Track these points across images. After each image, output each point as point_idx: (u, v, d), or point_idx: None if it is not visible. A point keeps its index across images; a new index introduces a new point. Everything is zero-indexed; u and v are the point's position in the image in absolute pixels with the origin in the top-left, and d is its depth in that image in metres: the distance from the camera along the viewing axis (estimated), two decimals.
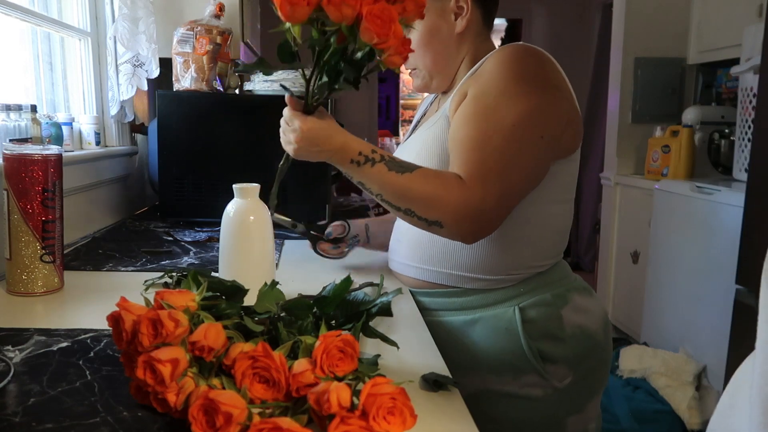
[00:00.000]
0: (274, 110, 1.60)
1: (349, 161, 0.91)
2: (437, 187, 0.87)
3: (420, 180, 0.88)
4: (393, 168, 0.89)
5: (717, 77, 3.06)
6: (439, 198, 0.86)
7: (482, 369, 0.97)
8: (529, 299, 0.97)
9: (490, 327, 0.97)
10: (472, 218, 0.86)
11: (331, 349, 0.57)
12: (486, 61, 0.97)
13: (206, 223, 1.59)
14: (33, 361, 0.71)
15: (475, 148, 0.88)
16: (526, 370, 0.95)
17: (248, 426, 0.50)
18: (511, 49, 0.95)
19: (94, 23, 1.73)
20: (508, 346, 0.96)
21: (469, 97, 0.94)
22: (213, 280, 0.69)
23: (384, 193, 0.90)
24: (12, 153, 0.93)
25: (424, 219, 0.88)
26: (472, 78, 0.98)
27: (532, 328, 0.96)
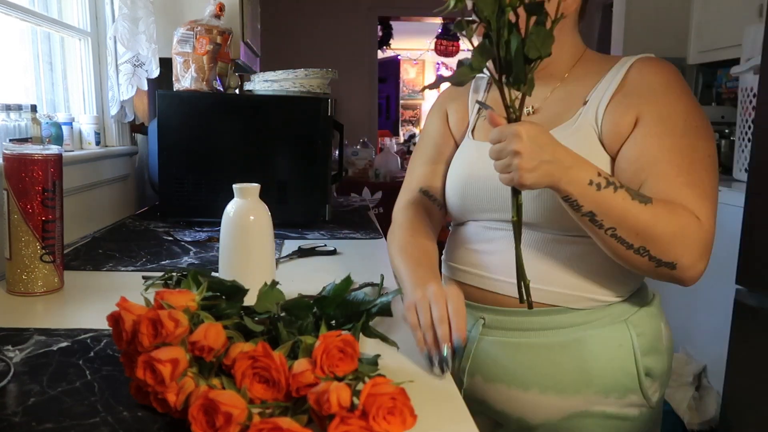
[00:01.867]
0: (274, 110, 1.61)
1: (587, 181, 0.76)
2: (681, 223, 0.78)
3: (663, 215, 0.77)
4: (636, 197, 0.78)
5: (717, 77, 3.06)
6: (682, 236, 0.78)
7: (590, 389, 0.88)
8: (636, 313, 0.91)
9: (603, 344, 0.89)
10: (705, 258, 0.80)
11: (331, 349, 0.57)
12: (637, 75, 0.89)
13: (206, 223, 1.59)
14: (33, 361, 0.71)
15: (690, 182, 0.81)
16: (633, 389, 0.89)
17: (248, 426, 0.50)
18: (665, 66, 0.89)
19: (94, 23, 1.73)
20: (621, 364, 0.89)
21: (653, 122, 0.84)
22: (213, 280, 0.69)
23: (620, 227, 0.78)
24: (12, 153, 0.93)
25: (657, 259, 0.79)
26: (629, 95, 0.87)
27: (643, 343, 0.90)
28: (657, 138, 0.83)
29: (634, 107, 0.86)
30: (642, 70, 0.89)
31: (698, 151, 0.83)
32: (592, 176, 0.76)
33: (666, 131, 0.84)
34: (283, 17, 4.80)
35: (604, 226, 0.78)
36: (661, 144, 0.83)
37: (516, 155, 0.72)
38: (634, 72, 0.90)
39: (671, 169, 0.82)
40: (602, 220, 0.78)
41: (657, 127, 0.84)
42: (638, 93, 0.87)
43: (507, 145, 0.73)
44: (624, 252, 0.80)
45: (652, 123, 0.85)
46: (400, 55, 8.12)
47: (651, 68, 0.89)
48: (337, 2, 5.01)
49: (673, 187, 0.81)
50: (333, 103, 1.60)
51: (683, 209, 0.79)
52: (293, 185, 1.59)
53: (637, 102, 0.86)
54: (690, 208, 0.80)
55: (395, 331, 0.85)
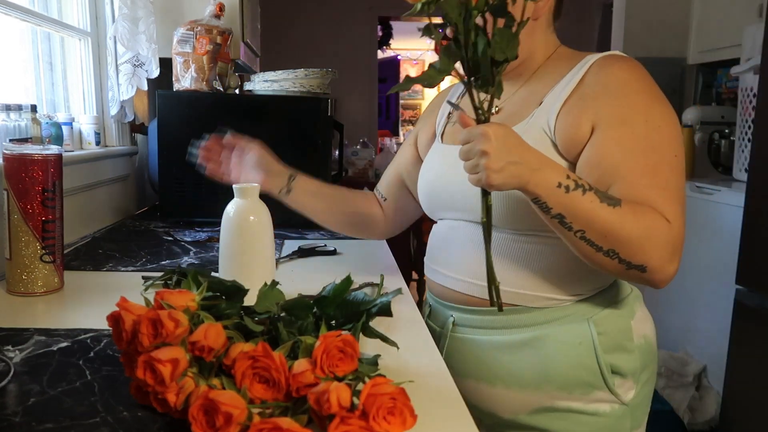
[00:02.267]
0: (274, 110, 1.61)
1: (555, 184, 0.75)
2: (649, 226, 0.77)
3: (631, 217, 0.77)
4: (604, 199, 0.77)
5: (717, 77, 3.06)
6: (650, 239, 0.77)
7: (551, 386, 0.89)
8: (600, 312, 0.91)
9: (561, 342, 0.89)
10: (676, 259, 0.79)
11: (331, 349, 0.57)
12: (594, 74, 0.87)
13: (206, 223, 1.59)
14: (33, 361, 0.71)
15: (656, 184, 0.80)
16: (597, 386, 0.89)
17: (248, 426, 0.50)
18: (624, 62, 0.88)
19: (94, 23, 1.73)
20: (581, 361, 0.89)
21: (612, 125, 0.83)
22: (213, 280, 0.69)
23: (589, 230, 0.77)
24: (12, 153, 0.93)
25: (626, 262, 0.78)
26: (585, 98, 0.86)
27: (605, 341, 0.90)
28: (616, 141, 0.82)
29: (590, 111, 0.84)
30: (599, 70, 0.87)
31: (661, 151, 0.82)
32: (561, 178, 0.76)
33: (626, 133, 0.82)
34: (283, 17, 4.80)
35: (573, 228, 0.78)
36: (621, 147, 0.82)
37: (483, 155, 0.73)
38: (591, 73, 0.88)
39: (634, 173, 0.80)
40: (571, 222, 0.77)
41: (616, 130, 0.82)
42: (593, 95, 0.85)
43: (475, 145, 0.74)
44: (593, 254, 0.79)
45: (611, 126, 0.83)
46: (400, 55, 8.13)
47: (608, 68, 0.87)
48: (337, 2, 5.01)
49: (638, 191, 0.80)
50: (333, 103, 1.60)
51: (651, 211, 0.78)
52: None
53: (593, 105, 0.85)
54: (659, 207, 0.79)
55: (395, 331, 0.85)
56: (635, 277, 0.81)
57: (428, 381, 0.70)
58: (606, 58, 0.89)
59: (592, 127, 0.84)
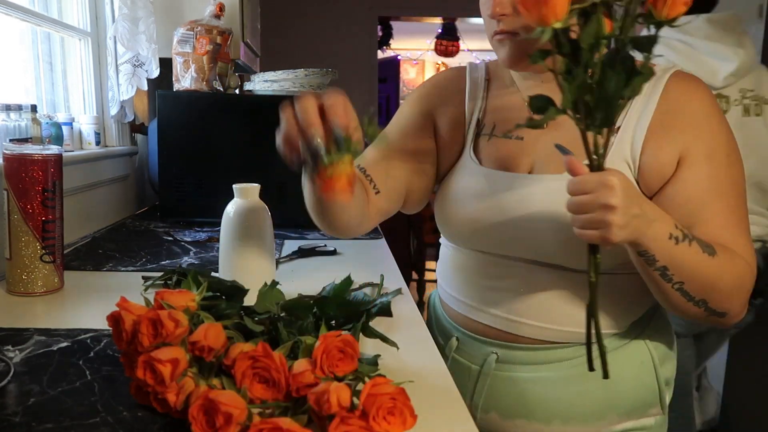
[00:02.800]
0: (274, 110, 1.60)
1: (667, 236, 0.70)
2: (739, 275, 0.75)
3: (727, 266, 0.74)
4: (705, 250, 0.73)
5: None
6: (740, 288, 0.76)
7: (615, 412, 0.86)
8: (649, 326, 0.88)
9: (626, 364, 0.85)
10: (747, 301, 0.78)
11: (331, 349, 0.57)
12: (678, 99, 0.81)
13: (206, 223, 1.59)
14: (33, 361, 0.71)
15: (735, 224, 0.78)
16: (653, 403, 0.87)
17: (248, 426, 0.50)
18: (700, 85, 0.83)
19: (94, 23, 1.73)
20: (643, 381, 0.86)
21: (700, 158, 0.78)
22: (213, 280, 0.69)
23: (688, 282, 0.73)
24: (12, 153, 0.93)
25: (712, 310, 0.75)
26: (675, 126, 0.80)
27: (660, 354, 0.88)
28: (706, 179, 0.78)
29: (678, 142, 0.79)
30: (680, 93, 0.81)
31: (738, 188, 0.80)
32: (672, 229, 0.71)
33: (713, 170, 0.78)
34: (283, 17, 4.80)
35: (673, 280, 0.73)
36: (710, 185, 0.78)
37: (609, 210, 0.64)
38: (672, 97, 0.81)
39: (720, 214, 0.77)
40: (673, 275, 0.73)
41: (705, 167, 0.78)
42: (681, 126, 0.79)
43: (598, 198, 0.64)
44: (684, 304, 0.76)
45: (698, 162, 0.78)
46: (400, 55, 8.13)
47: (690, 93, 0.81)
48: (337, 2, 5.01)
49: (724, 231, 0.77)
50: None
51: (739, 257, 0.76)
52: (293, 185, 1.58)
53: (681, 137, 0.79)
54: (740, 251, 0.77)
55: (395, 331, 0.85)
56: (713, 321, 0.78)
57: (428, 381, 0.70)
58: (681, 78, 0.82)
59: (679, 160, 0.79)
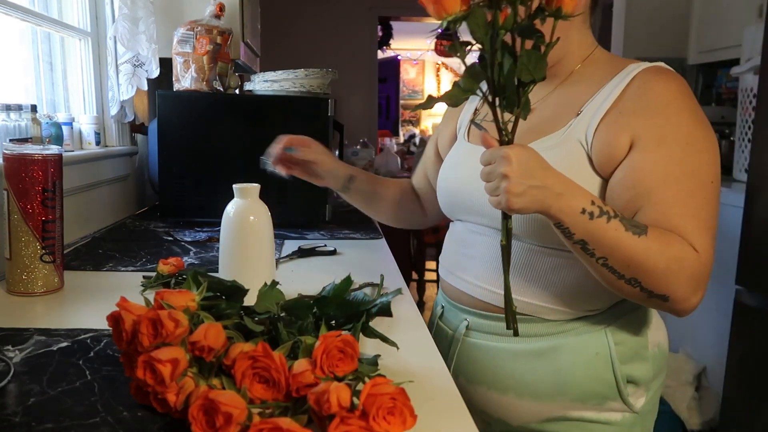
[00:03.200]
0: (274, 110, 1.61)
1: (579, 210, 0.73)
2: (674, 257, 0.75)
3: (657, 247, 0.74)
4: (629, 228, 0.74)
5: (717, 77, 3.06)
6: (676, 270, 0.75)
7: (565, 398, 0.88)
8: (617, 320, 0.89)
9: (578, 353, 0.87)
10: (700, 290, 0.77)
11: (331, 349, 0.57)
12: (637, 89, 0.83)
13: (206, 223, 1.59)
14: (33, 361, 0.71)
15: (688, 212, 0.77)
16: (611, 397, 0.88)
17: (248, 426, 0.50)
18: (669, 78, 0.84)
19: (94, 23, 1.73)
20: (597, 373, 0.87)
21: (651, 146, 0.80)
22: (213, 280, 0.69)
23: (611, 257, 0.75)
24: (12, 153, 0.93)
25: (648, 291, 0.77)
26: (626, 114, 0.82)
27: (623, 351, 0.88)
28: (653, 164, 0.79)
29: (630, 127, 0.81)
30: (642, 84, 0.84)
31: (699, 177, 0.79)
32: (585, 204, 0.73)
33: (664, 156, 0.79)
34: (283, 17, 4.80)
35: (595, 255, 0.76)
36: (657, 170, 0.79)
37: (504, 178, 0.70)
38: (633, 86, 0.84)
39: (668, 199, 0.78)
40: (594, 249, 0.75)
41: (654, 152, 0.80)
42: (634, 111, 0.82)
43: (496, 167, 0.71)
44: (615, 281, 0.78)
45: (649, 147, 0.80)
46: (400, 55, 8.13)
47: (651, 83, 0.83)
48: (337, 2, 5.01)
49: (670, 218, 0.77)
50: (333, 103, 1.60)
51: (679, 241, 0.76)
52: (293, 185, 1.58)
53: (633, 121, 0.81)
54: (688, 238, 0.77)
55: (395, 331, 0.85)
56: (656, 305, 0.79)
57: (428, 381, 0.70)
58: (650, 70, 0.85)
59: (630, 145, 0.81)
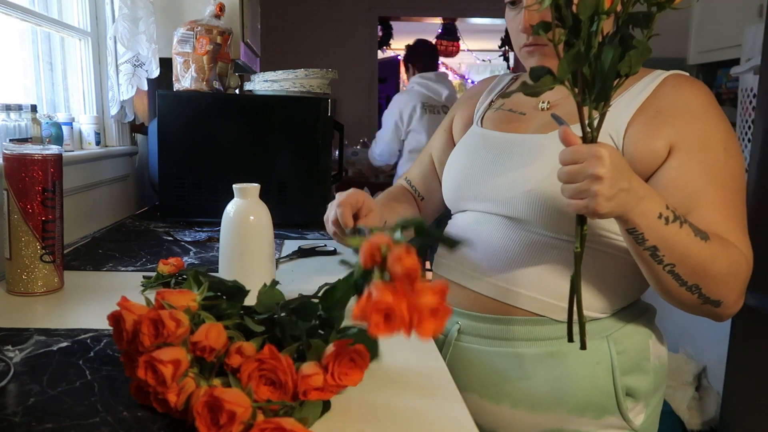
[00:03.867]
0: (274, 110, 1.61)
1: (656, 215, 0.71)
2: (735, 261, 0.75)
3: (720, 252, 0.74)
4: (697, 233, 0.73)
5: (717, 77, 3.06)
6: (734, 276, 0.75)
7: (562, 407, 0.85)
8: (620, 328, 0.87)
9: (579, 360, 0.84)
10: (745, 293, 0.78)
11: (343, 356, 0.57)
12: (668, 94, 0.83)
13: (206, 223, 1.59)
14: (33, 361, 0.71)
15: (733, 215, 0.79)
16: (609, 410, 0.85)
17: (252, 424, 0.50)
18: (700, 85, 0.85)
19: (94, 23, 1.73)
20: (597, 383, 0.84)
21: (694, 149, 0.80)
22: (214, 280, 0.69)
23: (680, 265, 0.73)
24: (12, 153, 0.93)
25: (705, 297, 0.76)
26: (666, 114, 0.81)
27: (624, 361, 0.85)
28: (701, 167, 0.79)
29: (670, 129, 0.80)
30: (677, 87, 0.84)
31: (738, 181, 0.80)
32: (662, 209, 0.71)
33: (709, 159, 0.79)
34: (283, 17, 4.80)
35: (663, 262, 0.74)
36: (706, 173, 0.79)
37: (596, 180, 0.66)
38: (667, 88, 0.84)
39: (717, 201, 0.78)
40: (663, 256, 0.73)
41: (699, 155, 0.79)
42: (673, 113, 0.81)
43: (586, 168, 0.66)
44: (676, 288, 0.76)
45: (694, 149, 0.79)
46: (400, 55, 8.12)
47: (686, 88, 0.84)
48: (337, 2, 5.01)
49: (719, 220, 0.77)
50: (333, 103, 1.60)
51: (734, 246, 0.76)
52: (293, 185, 1.59)
53: (673, 123, 0.81)
54: (735, 241, 0.77)
55: None
56: (707, 311, 0.78)
57: (428, 381, 0.70)
58: (680, 76, 0.86)
59: (670, 146, 0.80)
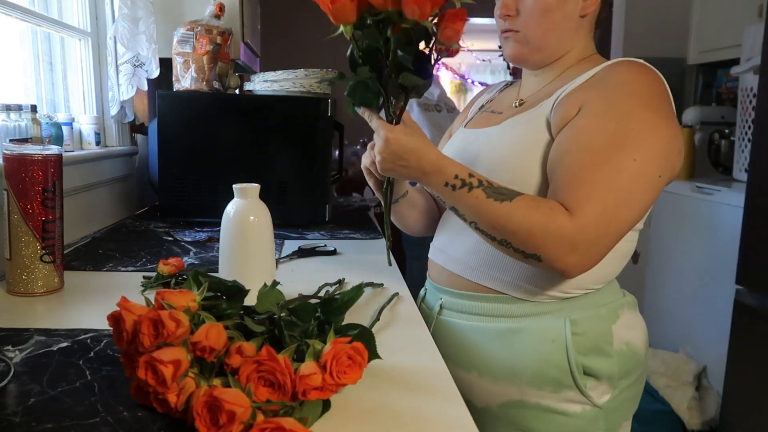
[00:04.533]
0: (274, 110, 1.61)
1: (443, 183, 0.84)
2: (539, 219, 0.79)
3: (521, 210, 0.80)
4: (491, 195, 0.82)
5: (717, 77, 3.06)
6: (540, 231, 0.79)
7: (521, 380, 0.91)
8: (582, 312, 0.92)
9: (535, 337, 0.91)
10: (576, 252, 0.79)
11: (341, 355, 0.57)
12: (604, 71, 0.90)
13: (206, 223, 1.59)
14: (33, 361, 0.71)
15: (596, 180, 0.80)
16: (568, 385, 0.90)
17: (251, 425, 0.50)
18: (637, 67, 0.88)
19: (94, 23, 1.73)
20: (552, 358, 0.90)
21: (588, 114, 0.85)
22: (213, 280, 0.69)
23: (479, 222, 0.84)
24: (12, 153, 0.93)
25: (521, 251, 0.82)
26: (585, 88, 0.89)
27: (581, 342, 0.90)
28: (579, 129, 0.84)
29: (580, 99, 0.87)
30: (613, 66, 0.90)
31: (622, 152, 0.81)
32: (448, 179, 0.84)
33: (595, 127, 0.83)
34: (283, 17, 4.80)
35: (467, 220, 0.86)
36: (581, 136, 0.84)
37: (378, 154, 0.87)
38: (607, 67, 0.90)
39: (575, 165, 0.82)
40: (464, 215, 0.85)
41: (587, 119, 0.85)
42: (591, 86, 0.88)
43: (377, 141, 0.87)
44: (491, 242, 0.85)
45: (587, 115, 0.85)
46: None
47: (616, 67, 0.89)
48: None
49: (565, 181, 0.82)
50: (333, 103, 1.60)
51: (549, 206, 0.80)
52: (293, 185, 1.59)
53: (586, 94, 0.87)
54: (568, 203, 0.80)
55: (395, 331, 0.85)
56: (535, 265, 0.84)
57: (428, 381, 0.70)
58: (622, 60, 0.90)
59: (578, 111, 0.87)
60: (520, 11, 0.93)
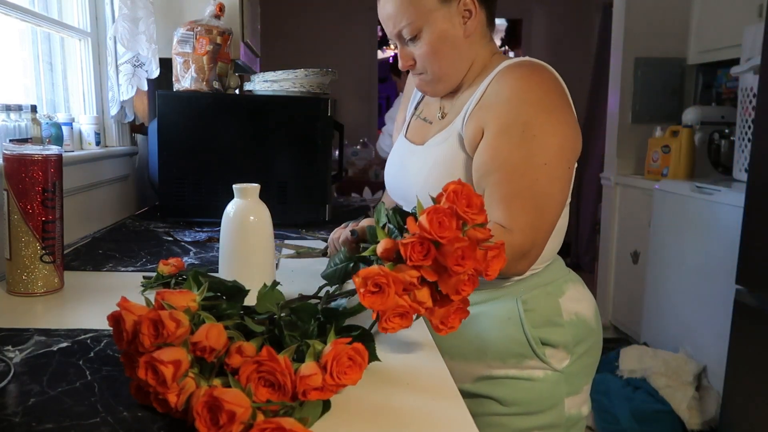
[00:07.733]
0: (274, 110, 1.61)
1: None
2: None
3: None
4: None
5: (717, 77, 3.06)
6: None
7: (487, 357, 1.02)
8: (529, 292, 1.03)
9: (493, 318, 1.03)
10: (519, 260, 0.91)
11: (342, 356, 0.57)
12: (496, 83, 0.97)
13: (206, 223, 1.59)
14: (33, 361, 0.71)
15: (514, 194, 0.91)
16: (528, 356, 1.01)
17: (251, 425, 0.50)
18: (521, 71, 0.97)
19: (94, 23, 1.73)
20: (511, 334, 1.01)
21: (494, 133, 0.94)
22: (213, 280, 0.69)
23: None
24: (12, 153, 0.93)
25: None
26: (483, 108, 0.97)
27: (533, 317, 1.02)
28: (493, 150, 0.93)
29: (482, 119, 0.96)
30: (498, 80, 0.98)
31: (530, 165, 0.91)
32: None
33: (502, 143, 0.93)
34: (283, 17, 4.80)
35: None
36: (497, 157, 0.93)
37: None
38: (493, 82, 0.98)
39: (499, 183, 0.92)
40: None
41: (495, 140, 0.93)
42: (488, 105, 0.97)
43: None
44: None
45: (492, 135, 0.94)
46: None
47: (504, 77, 0.97)
48: (337, 2, 5.01)
49: (495, 202, 0.91)
50: (333, 103, 1.60)
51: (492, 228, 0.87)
52: (293, 185, 1.59)
53: (485, 114, 0.96)
54: (504, 223, 0.90)
55: None
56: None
57: (428, 381, 0.70)
58: (507, 67, 0.98)
59: (482, 133, 0.96)
60: (415, 59, 1.03)
